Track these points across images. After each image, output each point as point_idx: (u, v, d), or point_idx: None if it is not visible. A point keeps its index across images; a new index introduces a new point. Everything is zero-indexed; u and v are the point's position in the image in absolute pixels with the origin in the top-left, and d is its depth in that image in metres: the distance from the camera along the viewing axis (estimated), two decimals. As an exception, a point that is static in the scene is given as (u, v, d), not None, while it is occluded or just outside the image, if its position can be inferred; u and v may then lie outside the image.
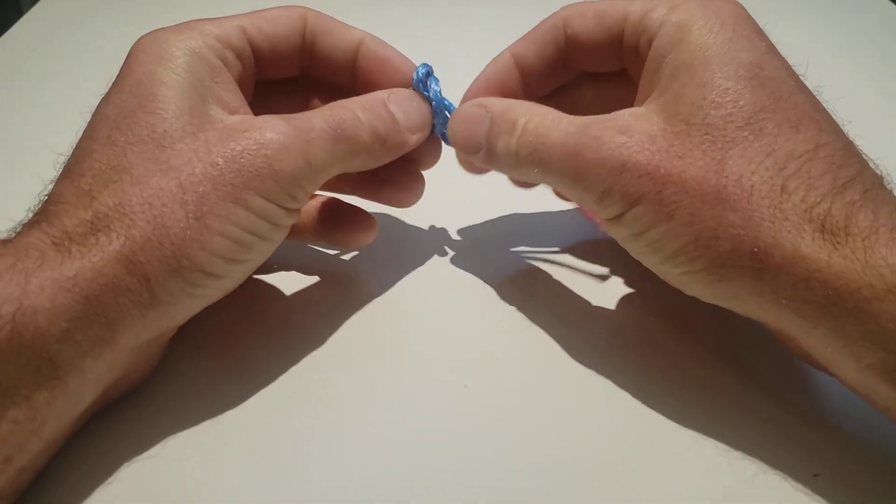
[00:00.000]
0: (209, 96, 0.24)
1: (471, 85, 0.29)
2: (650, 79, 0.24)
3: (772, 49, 0.24)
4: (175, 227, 0.22)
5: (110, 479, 0.23)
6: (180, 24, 0.26)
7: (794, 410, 0.25)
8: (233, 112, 0.25)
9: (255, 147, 0.23)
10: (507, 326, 0.29)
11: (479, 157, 0.27)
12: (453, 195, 0.34)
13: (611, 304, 0.30)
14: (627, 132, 0.23)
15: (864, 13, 0.53)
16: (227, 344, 0.28)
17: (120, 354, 0.22)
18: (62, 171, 0.24)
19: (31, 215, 0.23)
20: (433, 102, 0.28)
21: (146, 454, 0.24)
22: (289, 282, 0.31)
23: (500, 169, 0.27)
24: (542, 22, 0.28)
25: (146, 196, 0.22)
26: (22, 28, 0.51)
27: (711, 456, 0.24)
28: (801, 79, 0.24)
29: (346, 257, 0.32)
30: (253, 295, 0.30)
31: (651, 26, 0.24)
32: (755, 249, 0.21)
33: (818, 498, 0.23)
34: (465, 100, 0.29)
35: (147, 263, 0.22)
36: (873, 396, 0.22)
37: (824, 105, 0.24)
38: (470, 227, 0.34)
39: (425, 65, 0.28)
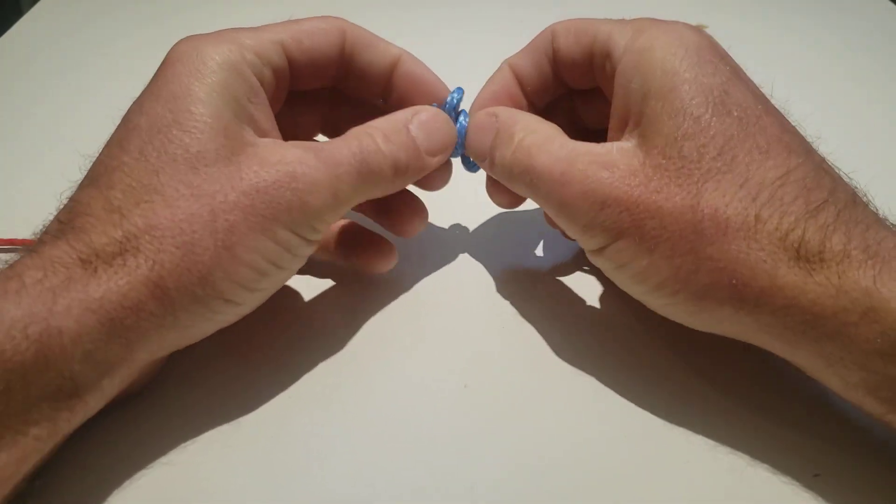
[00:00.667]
0: (243, 117, 0.24)
1: (475, 100, 0.29)
2: (620, 101, 0.25)
3: (737, 73, 0.24)
4: (204, 254, 0.22)
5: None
6: (218, 32, 0.25)
7: (793, 410, 0.25)
8: (263, 134, 0.25)
9: (286, 180, 0.23)
10: (506, 327, 0.29)
11: (484, 164, 0.27)
12: (453, 196, 0.34)
13: (611, 304, 0.30)
14: (611, 168, 0.23)
15: (864, 13, 0.53)
16: (231, 350, 0.27)
17: (132, 370, 0.23)
18: (89, 178, 0.23)
19: (55, 222, 0.23)
20: (458, 129, 0.28)
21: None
22: (293, 285, 0.31)
23: (501, 181, 0.27)
24: (537, 35, 0.28)
25: (178, 220, 0.22)
26: (22, 28, 0.51)
27: (712, 456, 0.24)
28: (769, 99, 0.24)
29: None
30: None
31: (615, 50, 0.25)
32: (733, 282, 0.22)
33: (818, 498, 0.23)
34: (472, 110, 0.29)
35: (174, 290, 0.22)
36: (865, 409, 0.22)
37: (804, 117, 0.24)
38: (470, 226, 0.34)
39: (460, 89, 0.28)
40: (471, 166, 0.29)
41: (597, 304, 0.30)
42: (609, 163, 0.24)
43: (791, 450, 0.24)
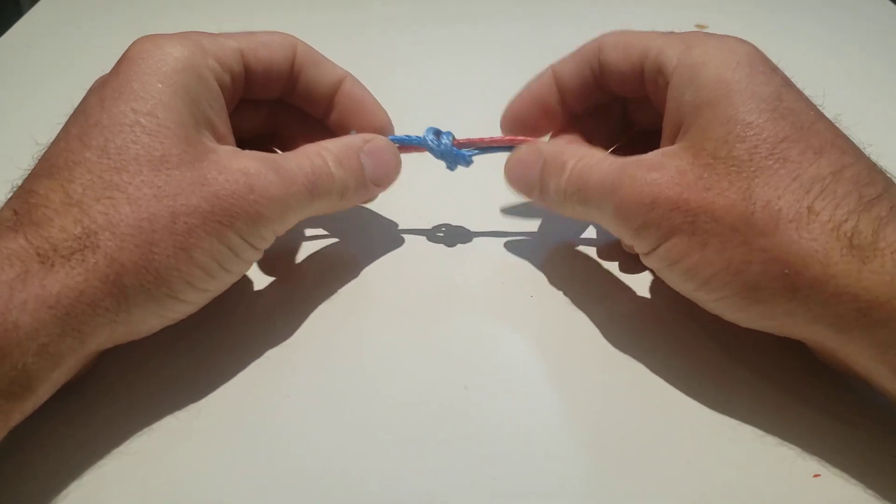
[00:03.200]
0: (203, 122, 0.25)
1: (514, 97, 0.31)
2: (673, 114, 0.26)
3: (788, 82, 0.25)
4: (161, 254, 0.23)
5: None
6: (179, 33, 0.26)
7: (794, 410, 0.25)
8: (220, 139, 0.26)
9: (244, 190, 0.24)
10: (507, 326, 0.29)
11: (533, 195, 0.29)
12: (452, 194, 0.34)
13: (611, 303, 0.30)
14: (659, 170, 0.24)
15: (864, 13, 0.53)
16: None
17: (80, 362, 0.23)
18: (46, 169, 0.23)
19: (9, 211, 0.23)
20: (443, 153, 0.30)
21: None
22: (285, 275, 0.31)
23: (552, 207, 0.28)
24: (583, 45, 0.30)
25: (139, 219, 0.22)
26: (22, 28, 0.51)
27: (711, 456, 0.24)
28: (820, 109, 0.25)
29: (346, 256, 0.32)
30: (243, 290, 0.30)
31: (667, 65, 0.26)
32: (785, 271, 0.22)
33: (818, 498, 0.23)
34: (506, 112, 0.31)
35: (130, 287, 0.22)
36: None
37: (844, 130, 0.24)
38: (470, 226, 0.34)
39: (431, 128, 0.30)
40: (452, 167, 0.31)
41: (597, 304, 0.30)
42: (657, 165, 0.24)
43: (791, 450, 0.24)
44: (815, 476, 0.23)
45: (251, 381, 0.27)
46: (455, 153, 0.30)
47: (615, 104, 0.31)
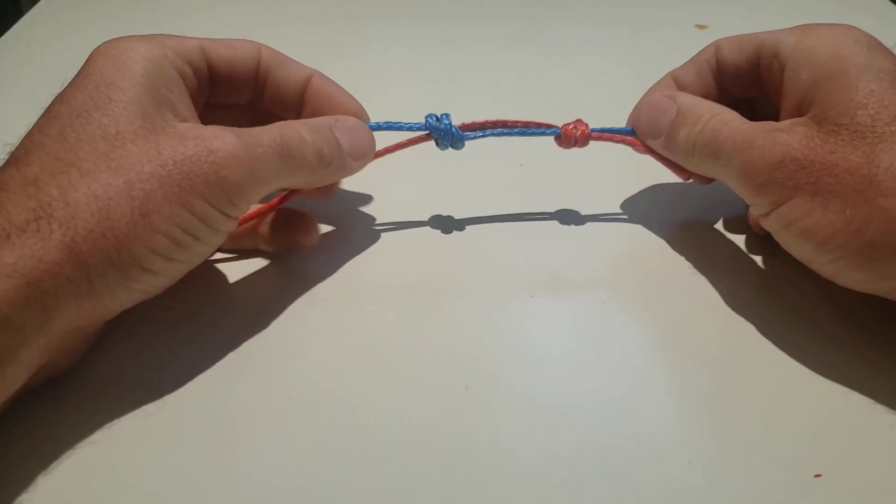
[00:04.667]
0: (163, 104, 0.25)
1: (636, 107, 0.32)
2: (791, 94, 0.27)
3: None
4: (119, 221, 0.23)
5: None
6: (142, 35, 0.27)
7: (794, 410, 0.25)
8: (184, 120, 0.26)
9: (204, 153, 0.24)
10: (507, 326, 0.29)
11: (657, 141, 0.30)
12: (453, 192, 0.34)
13: (611, 303, 0.30)
14: (788, 132, 0.26)
15: (865, 13, 0.53)
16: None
17: (51, 341, 0.23)
18: (7, 161, 0.24)
19: None
20: (443, 131, 0.31)
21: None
22: (288, 274, 0.31)
23: (675, 156, 0.30)
24: (701, 50, 0.32)
25: (93, 189, 0.23)
26: (22, 28, 0.51)
27: (711, 456, 0.24)
28: None
29: (346, 254, 0.32)
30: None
31: (783, 50, 0.28)
32: None
33: (819, 499, 0.23)
34: (632, 114, 0.32)
35: (88, 254, 0.22)
36: None
37: None
38: (469, 225, 0.34)
39: (431, 115, 0.31)
40: (443, 147, 0.31)
41: (597, 303, 0.30)
42: (786, 128, 0.26)
43: (791, 450, 0.24)
44: (816, 476, 0.23)
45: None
46: (455, 131, 0.31)
47: (741, 107, 0.31)
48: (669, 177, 0.32)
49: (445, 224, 0.34)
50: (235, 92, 0.29)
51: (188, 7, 0.53)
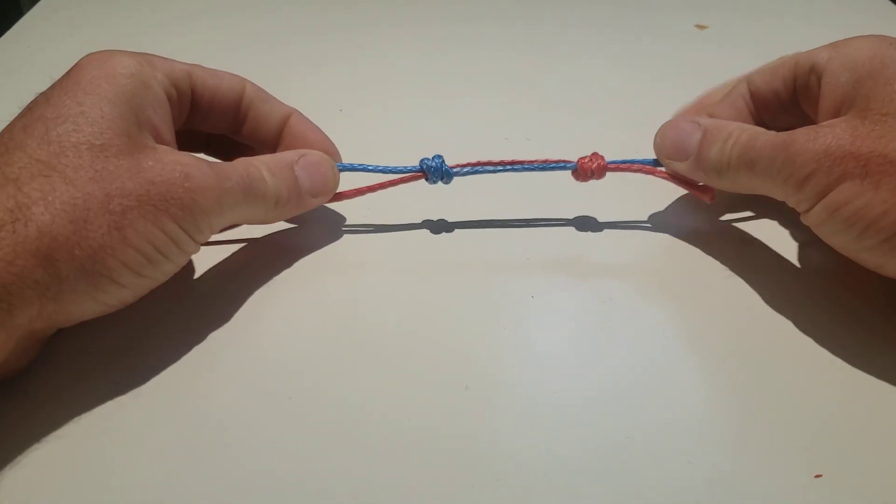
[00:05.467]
0: (146, 124, 0.26)
1: (660, 130, 0.31)
2: (830, 99, 0.28)
3: None
4: (96, 232, 0.23)
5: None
6: (135, 52, 0.27)
7: (794, 410, 0.25)
8: (163, 143, 0.26)
9: (181, 178, 0.25)
10: (507, 326, 0.29)
11: (685, 165, 0.30)
12: (454, 191, 0.34)
13: (611, 303, 0.30)
14: (830, 126, 0.26)
15: (864, 13, 0.53)
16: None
17: (9, 338, 0.23)
18: None
19: None
20: (433, 169, 0.31)
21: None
22: (286, 273, 0.31)
23: (705, 175, 0.30)
24: (731, 86, 0.32)
25: (73, 197, 0.23)
26: (22, 28, 0.51)
27: (710, 456, 0.24)
28: None
29: (346, 254, 0.32)
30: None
31: (819, 62, 0.28)
32: None
33: (819, 500, 0.23)
34: (655, 145, 0.31)
35: (61, 261, 0.23)
36: None
37: None
38: (469, 225, 0.34)
39: (424, 159, 0.32)
40: (433, 181, 0.32)
41: (597, 303, 0.30)
42: (827, 125, 0.26)
43: (791, 451, 0.24)
44: (817, 477, 0.23)
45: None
46: (445, 168, 0.32)
47: None
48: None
49: (446, 224, 0.34)
50: (213, 121, 0.30)
51: (187, 9, 0.53)
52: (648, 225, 0.34)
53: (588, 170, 0.32)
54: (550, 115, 0.42)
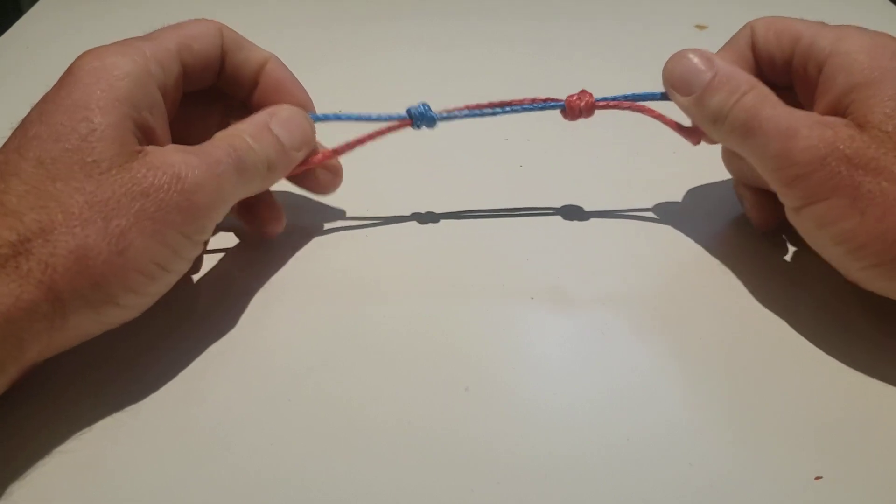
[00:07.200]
0: (142, 127, 0.25)
1: (673, 56, 0.30)
2: (827, 96, 0.27)
3: None
4: (96, 259, 0.23)
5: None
6: (120, 43, 0.27)
7: (794, 412, 0.25)
8: (157, 144, 0.26)
9: (173, 181, 0.24)
10: (507, 328, 0.29)
11: (685, 99, 0.28)
12: (454, 192, 0.34)
13: (612, 303, 0.30)
14: (834, 128, 0.25)
15: (864, 13, 0.53)
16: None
17: (21, 371, 0.23)
18: None
19: None
20: (419, 113, 0.31)
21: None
22: (285, 273, 0.31)
23: (700, 118, 0.28)
24: (734, 35, 0.31)
25: (71, 226, 0.23)
26: (22, 28, 0.51)
27: (710, 458, 0.24)
28: None
29: (345, 254, 0.32)
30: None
31: (819, 54, 0.27)
32: None
33: (819, 502, 0.23)
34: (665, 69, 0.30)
35: (65, 292, 0.22)
36: None
37: None
38: (469, 226, 0.34)
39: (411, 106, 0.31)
40: (418, 126, 0.31)
41: (597, 302, 0.30)
42: (831, 125, 0.25)
43: (792, 452, 0.24)
44: (817, 479, 0.23)
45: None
46: (431, 114, 0.31)
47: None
48: (669, 176, 0.32)
49: (446, 225, 0.34)
50: (203, 80, 0.30)
51: (187, 9, 0.53)
52: (649, 224, 0.34)
53: (576, 108, 0.31)
54: (550, 115, 0.42)
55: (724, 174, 0.33)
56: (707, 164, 0.33)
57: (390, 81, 0.45)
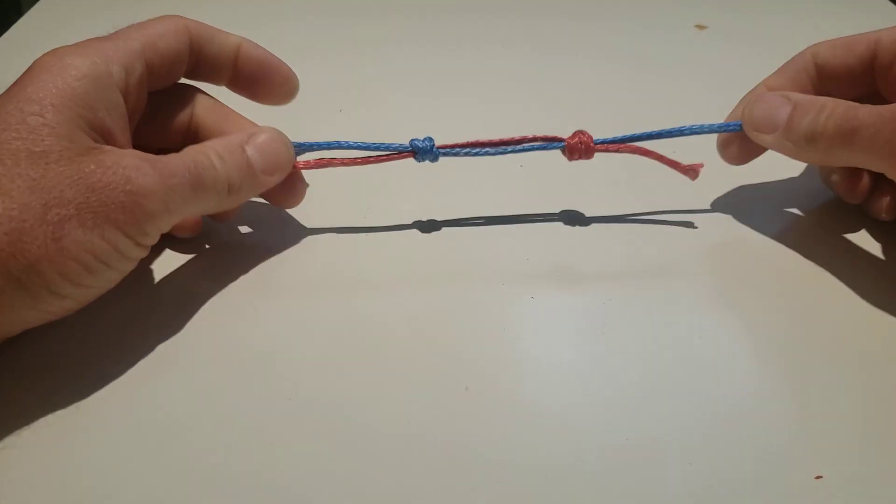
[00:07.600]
0: (97, 127, 0.25)
1: (747, 100, 0.32)
2: None
3: None
4: (32, 244, 0.23)
5: None
6: (83, 44, 0.27)
7: (794, 411, 0.25)
8: (114, 144, 0.26)
9: (122, 181, 0.24)
10: (507, 327, 0.29)
11: (771, 137, 0.30)
12: (454, 192, 0.34)
13: (613, 303, 0.30)
14: None
15: (864, 13, 0.53)
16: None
17: None
18: None
19: None
20: (421, 147, 0.31)
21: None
22: (284, 272, 0.31)
23: (792, 148, 0.30)
24: (792, 58, 0.32)
25: (9, 209, 0.23)
26: (22, 28, 0.51)
27: (710, 457, 0.24)
28: None
29: (345, 254, 0.32)
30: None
31: None
32: None
33: (820, 501, 0.23)
34: (743, 114, 0.31)
35: None
36: None
37: None
38: (470, 226, 0.34)
39: (415, 139, 0.31)
40: (421, 160, 0.31)
41: (597, 302, 0.30)
42: None
43: (792, 452, 0.24)
44: (818, 478, 0.23)
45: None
46: (434, 149, 0.31)
47: None
48: (669, 176, 0.32)
49: (446, 224, 0.34)
50: (171, 78, 0.30)
51: (187, 9, 0.53)
52: (649, 227, 0.34)
53: (576, 150, 0.31)
54: (549, 116, 0.42)
55: (724, 176, 0.33)
56: (706, 168, 0.33)
57: (390, 81, 0.45)
